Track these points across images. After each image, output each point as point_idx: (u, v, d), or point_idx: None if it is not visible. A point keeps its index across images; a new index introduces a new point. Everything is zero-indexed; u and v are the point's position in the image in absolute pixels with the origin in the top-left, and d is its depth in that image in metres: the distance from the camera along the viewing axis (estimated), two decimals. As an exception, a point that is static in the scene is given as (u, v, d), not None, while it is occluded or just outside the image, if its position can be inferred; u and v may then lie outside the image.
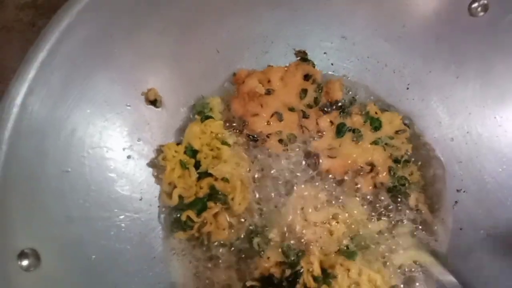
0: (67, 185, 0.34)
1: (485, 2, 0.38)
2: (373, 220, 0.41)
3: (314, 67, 0.44)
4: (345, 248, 0.40)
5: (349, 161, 0.43)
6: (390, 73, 0.45)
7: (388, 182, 0.42)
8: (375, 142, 0.43)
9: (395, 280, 0.39)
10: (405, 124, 0.43)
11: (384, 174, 0.42)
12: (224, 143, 0.42)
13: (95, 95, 0.36)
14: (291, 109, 0.43)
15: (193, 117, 0.43)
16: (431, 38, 0.42)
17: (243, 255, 0.40)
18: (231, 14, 0.42)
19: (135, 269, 0.37)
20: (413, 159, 0.43)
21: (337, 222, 0.41)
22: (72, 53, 0.33)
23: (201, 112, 0.43)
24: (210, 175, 0.41)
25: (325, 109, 0.44)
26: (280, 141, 0.43)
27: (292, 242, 0.40)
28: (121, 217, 0.38)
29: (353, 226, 0.41)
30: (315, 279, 0.38)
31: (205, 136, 0.42)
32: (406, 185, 0.42)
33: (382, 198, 0.42)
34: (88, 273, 0.34)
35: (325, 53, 0.45)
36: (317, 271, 0.38)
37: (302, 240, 0.40)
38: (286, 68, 0.44)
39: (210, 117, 0.43)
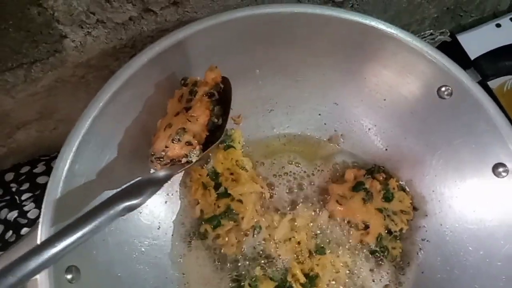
0: (105, 215, 0.42)
1: (450, 89, 0.47)
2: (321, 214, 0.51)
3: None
4: (314, 248, 0.49)
5: (351, 214, 0.50)
6: (372, 136, 0.54)
7: (372, 244, 0.50)
8: (379, 209, 0.50)
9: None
10: (413, 208, 0.51)
11: (372, 238, 0.49)
12: (242, 168, 0.51)
13: (130, 141, 0.45)
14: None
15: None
16: (407, 111, 0.51)
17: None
18: (245, 80, 0.51)
19: (152, 286, 0.45)
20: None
21: (296, 232, 0.50)
22: (117, 111, 0.42)
23: (224, 142, 0.52)
24: (227, 196, 0.49)
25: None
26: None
27: (273, 266, 0.49)
28: (143, 242, 0.46)
29: (310, 227, 0.50)
30: (303, 286, 0.47)
31: (226, 161, 0.51)
32: (386, 253, 0.50)
33: (362, 255, 0.50)
34: (114, 286, 0.42)
35: (319, 114, 0.55)
36: (301, 279, 0.47)
37: (279, 259, 0.49)
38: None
39: (232, 146, 0.52)
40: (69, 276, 0.38)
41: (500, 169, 0.45)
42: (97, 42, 0.47)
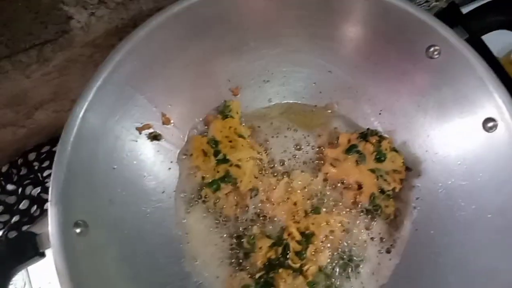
0: (112, 178, 0.46)
1: (438, 47, 0.47)
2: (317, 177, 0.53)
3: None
4: (310, 208, 0.51)
5: (345, 175, 0.52)
6: (366, 101, 0.55)
7: (365, 204, 0.51)
8: (372, 170, 0.52)
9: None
10: (407, 168, 0.52)
11: (365, 197, 0.51)
12: (240, 136, 0.54)
13: (134, 112, 0.48)
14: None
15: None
16: (398, 73, 0.52)
17: (242, 254, 0.51)
18: (241, 53, 0.54)
19: (156, 243, 0.49)
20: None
21: (292, 193, 0.52)
22: (120, 81, 0.46)
23: (222, 112, 0.55)
24: (226, 162, 0.52)
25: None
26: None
27: (270, 226, 0.51)
28: (148, 204, 0.50)
29: (305, 190, 0.52)
30: (299, 243, 0.49)
31: (225, 130, 0.53)
32: (379, 212, 0.51)
33: (356, 214, 0.52)
34: (122, 242, 0.45)
35: (314, 83, 0.57)
36: (297, 237, 0.49)
37: (276, 219, 0.51)
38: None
39: (231, 116, 0.54)
40: (78, 230, 0.41)
41: (490, 124, 0.45)
42: (101, 22, 0.51)
